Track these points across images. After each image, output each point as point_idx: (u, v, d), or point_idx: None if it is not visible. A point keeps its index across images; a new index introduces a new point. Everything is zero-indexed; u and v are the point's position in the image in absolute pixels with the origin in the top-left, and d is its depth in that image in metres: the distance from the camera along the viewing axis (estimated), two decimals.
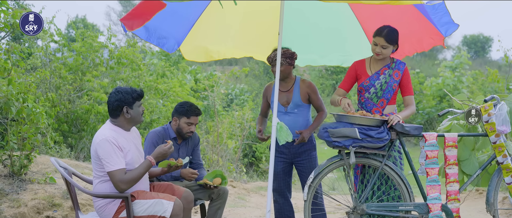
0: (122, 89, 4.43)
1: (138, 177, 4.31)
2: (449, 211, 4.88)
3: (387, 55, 5.07)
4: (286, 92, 5.57)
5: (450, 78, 22.38)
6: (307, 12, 5.96)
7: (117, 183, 4.22)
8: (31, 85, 7.62)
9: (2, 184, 6.38)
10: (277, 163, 5.61)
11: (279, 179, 5.64)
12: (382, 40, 4.98)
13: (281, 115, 5.53)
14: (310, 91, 5.56)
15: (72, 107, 10.82)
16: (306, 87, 5.56)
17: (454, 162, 4.94)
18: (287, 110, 5.54)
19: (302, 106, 5.54)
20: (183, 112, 5.32)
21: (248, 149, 15.65)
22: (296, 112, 5.53)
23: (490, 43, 46.22)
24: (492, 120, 4.93)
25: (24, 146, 6.61)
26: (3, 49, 7.04)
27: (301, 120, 5.53)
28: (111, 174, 4.22)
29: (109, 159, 4.22)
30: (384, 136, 4.74)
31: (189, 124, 5.32)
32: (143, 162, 4.38)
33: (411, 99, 5.18)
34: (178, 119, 5.35)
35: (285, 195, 5.70)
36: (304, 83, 5.58)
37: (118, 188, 4.24)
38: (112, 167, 4.21)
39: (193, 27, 5.74)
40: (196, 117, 5.34)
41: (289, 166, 5.68)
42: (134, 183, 4.29)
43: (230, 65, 32.18)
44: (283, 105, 5.55)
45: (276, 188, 5.67)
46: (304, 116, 5.55)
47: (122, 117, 4.43)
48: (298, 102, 5.53)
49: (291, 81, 5.60)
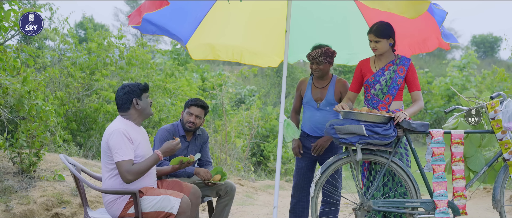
0: (128, 84, 4.52)
1: (145, 170, 4.33)
2: (455, 208, 4.88)
3: (383, 50, 5.09)
4: (320, 89, 5.58)
5: (459, 77, 22.32)
6: (313, 10, 5.97)
7: (123, 173, 4.25)
8: (41, 83, 7.67)
9: (12, 181, 6.42)
10: (301, 160, 5.61)
11: (300, 175, 5.63)
12: (372, 36, 5.06)
13: (313, 110, 5.55)
14: (343, 91, 5.56)
15: (81, 105, 10.87)
16: (341, 86, 5.57)
17: (461, 159, 4.94)
18: (319, 106, 5.54)
19: (334, 104, 5.51)
20: (186, 104, 5.43)
21: (256, 148, 15.65)
22: (328, 109, 5.53)
23: (499, 43, 46.00)
24: (499, 117, 4.92)
25: (33, 144, 6.66)
26: (13, 48, 7.08)
27: (332, 118, 5.51)
28: (119, 164, 4.26)
29: (118, 149, 4.26)
30: (390, 133, 4.73)
31: (189, 114, 5.35)
32: (151, 155, 4.41)
33: (419, 95, 5.16)
34: (183, 112, 5.42)
35: (305, 191, 5.66)
36: (340, 82, 5.59)
37: (124, 179, 4.27)
38: (121, 157, 4.25)
39: (200, 25, 5.77)
40: (196, 108, 5.37)
41: (313, 163, 5.66)
42: (140, 175, 4.32)
43: (239, 65, 32.19)
44: (316, 101, 5.55)
45: (296, 183, 5.65)
46: (335, 114, 5.54)
47: (133, 110, 4.48)
48: (331, 100, 5.53)
49: (327, 79, 5.60)
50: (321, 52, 5.41)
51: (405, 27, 5.49)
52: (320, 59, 5.42)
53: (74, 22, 36.29)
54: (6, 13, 6.38)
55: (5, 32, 6.72)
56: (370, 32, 5.08)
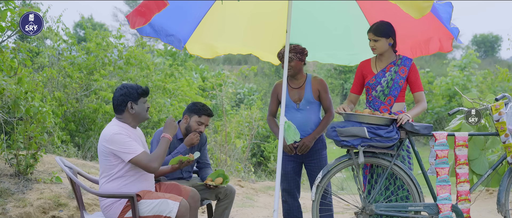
0: (127, 85, 4.43)
1: (163, 154, 4.34)
2: (459, 212, 4.81)
3: (382, 49, 5.04)
4: (297, 89, 5.53)
5: (459, 77, 22.27)
6: (315, 11, 5.92)
7: (146, 165, 4.23)
8: (39, 84, 7.59)
9: (8, 184, 6.35)
10: (287, 163, 5.56)
11: (289, 179, 5.59)
12: (371, 35, 5.03)
13: (293, 112, 5.49)
14: (321, 88, 5.51)
15: (79, 106, 10.81)
16: (318, 83, 5.52)
17: (465, 161, 4.87)
18: (299, 107, 5.49)
19: (314, 103, 5.49)
20: (195, 110, 5.26)
21: (256, 149, 15.61)
22: (308, 109, 5.48)
23: (500, 42, 45.99)
24: (503, 119, 4.86)
25: (31, 145, 6.58)
26: (10, 48, 7.01)
27: (313, 117, 5.49)
28: (137, 160, 4.22)
29: (127, 148, 4.22)
30: (393, 135, 4.67)
31: (199, 124, 5.24)
32: (161, 140, 4.41)
33: (421, 95, 5.10)
34: (189, 117, 5.28)
35: (295, 195, 5.64)
36: (316, 79, 5.54)
37: (149, 169, 4.25)
38: (134, 153, 4.22)
39: (199, 25, 5.72)
40: (207, 118, 5.26)
41: (299, 166, 5.62)
42: (162, 160, 4.31)
43: (239, 64, 32.16)
44: (295, 102, 5.50)
45: (285, 188, 5.61)
46: (316, 113, 5.51)
47: (127, 113, 4.41)
48: (310, 98, 5.48)
49: (302, 78, 5.55)
50: (289, 49, 5.35)
51: (407, 28, 5.44)
52: (290, 56, 5.36)
53: (74, 22, 36.30)
54: (3, 13, 6.30)
55: (2, 32, 6.65)
56: (370, 31, 5.06)
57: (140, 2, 4.76)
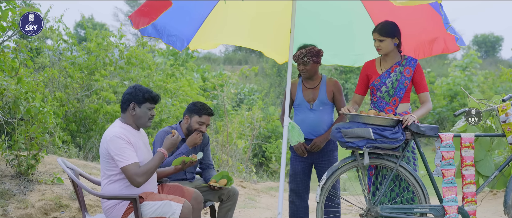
0: (138, 86, 4.40)
1: (153, 169, 4.25)
2: (465, 214, 4.76)
3: (387, 49, 5.00)
4: (312, 89, 5.49)
5: (461, 77, 22.25)
6: (319, 11, 5.88)
7: (132, 177, 4.15)
8: (39, 84, 7.55)
9: (9, 185, 6.31)
10: (297, 164, 5.53)
11: (298, 180, 5.55)
12: (376, 35, 4.99)
13: (306, 112, 5.46)
14: (335, 90, 5.48)
15: (80, 106, 10.78)
16: (332, 85, 5.50)
17: (471, 163, 4.82)
18: (312, 107, 5.46)
19: (327, 104, 5.46)
20: (196, 110, 5.22)
21: (258, 149, 15.57)
22: (321, 109, 5.44)
23: (501, 42, 45.97)
24: (510, 120, 4.81)
25: (32, 146, 6.53)
26: (11, 48, 6.97)
27: (326, 118, 5.46)
28: (125, 169, 4.15)
29: (121, 154, 4.16)
30: (399, 137, 4.62)
31: (200, 124, 5.20)
32: (156, 154, 4.33)
33: (426, 96, 5.06)
34: (189, 118, 5.24)
35: (303, 197, 5.59)
36: (331, 81, 5.52)
37: (134, 182, 4.17)
38: (126, 161, 4.15)
39: (202, 25, 5.69)
40: (208, 117, 5.23)
41: (309, 167, 5.58)
42: (149, 176, 4.22)
43: (239, 64, 32.12)
44: (309, 102, 5.47)
45: (294, 188, 5.57)
46: (329, 114, 5.48)
47: (128, 113, 4.37)
48: (324, 99, 5.44)
49: (317, 79, 5.53)
50: (305, 52, 5.33)
51: (412, 28, 5.41)
52: (306, 59, 5.33)
53: (74, 22, 36.27)
54: (4, 12, 6.26)
55: (3, 32, 6.61)
56: (375, 31, 5.01)
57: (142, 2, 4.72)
